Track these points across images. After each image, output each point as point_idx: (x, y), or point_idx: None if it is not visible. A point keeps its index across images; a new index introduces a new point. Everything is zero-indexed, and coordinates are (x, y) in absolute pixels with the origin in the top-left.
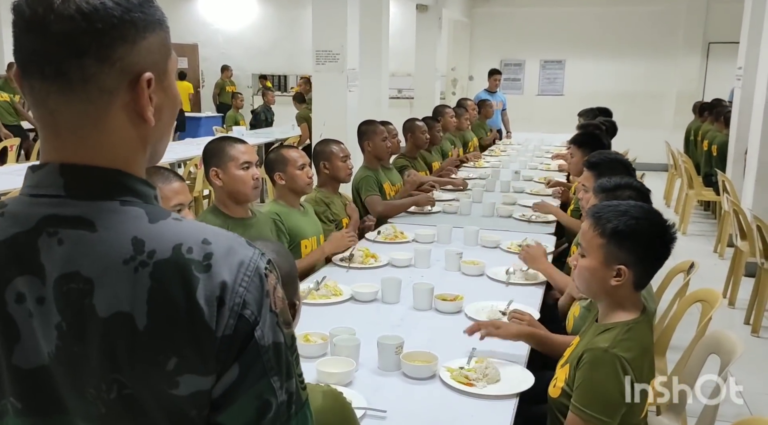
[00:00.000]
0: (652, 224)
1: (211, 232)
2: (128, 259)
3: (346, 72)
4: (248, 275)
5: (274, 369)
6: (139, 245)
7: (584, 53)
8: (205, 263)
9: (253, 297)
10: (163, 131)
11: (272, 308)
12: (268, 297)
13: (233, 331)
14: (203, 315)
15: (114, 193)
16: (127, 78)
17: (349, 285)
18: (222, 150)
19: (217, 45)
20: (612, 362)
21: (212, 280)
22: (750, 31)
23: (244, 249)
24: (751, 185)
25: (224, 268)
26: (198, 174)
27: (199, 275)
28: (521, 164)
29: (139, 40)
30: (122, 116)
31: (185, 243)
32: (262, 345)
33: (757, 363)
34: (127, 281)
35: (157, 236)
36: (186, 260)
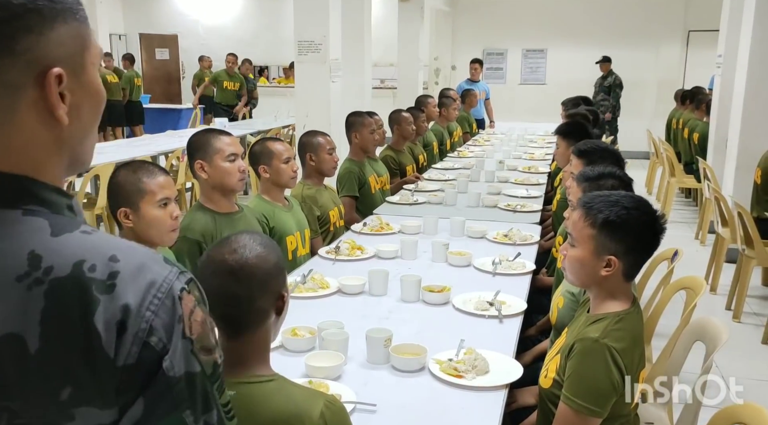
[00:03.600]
0: (643, 214)
1: (123, 247)
2: (22, 275)
3: (329, 62)
4: (158, 297)
5: (186, 401)
6: (35, 260)
7: (566, 42)
8: (108, 283)
9: (161, 322)
10: (85, 131)
11: (186, 335)
12: (180, 322)
13: (136, 360)
14: (101, 341)
15: (16, 200)
16: (33, 72)
17: (335, 278)
18: (207, 142)
19: (197, 36)
20: (602, 352)
21: (114, 302)
22: (729, 19)
23: (159, 267)
24: (731, 172)
25: (130, 289)
26: (180, 167)
27: (100, 297)
28: (505, 153)
29: (46, 31)
30: (31, 114)
31: (88, 260)
32: (171, 375)
33: (739, 349)
34: (19, 300)
35: (57, 250)
36: (86, 279)
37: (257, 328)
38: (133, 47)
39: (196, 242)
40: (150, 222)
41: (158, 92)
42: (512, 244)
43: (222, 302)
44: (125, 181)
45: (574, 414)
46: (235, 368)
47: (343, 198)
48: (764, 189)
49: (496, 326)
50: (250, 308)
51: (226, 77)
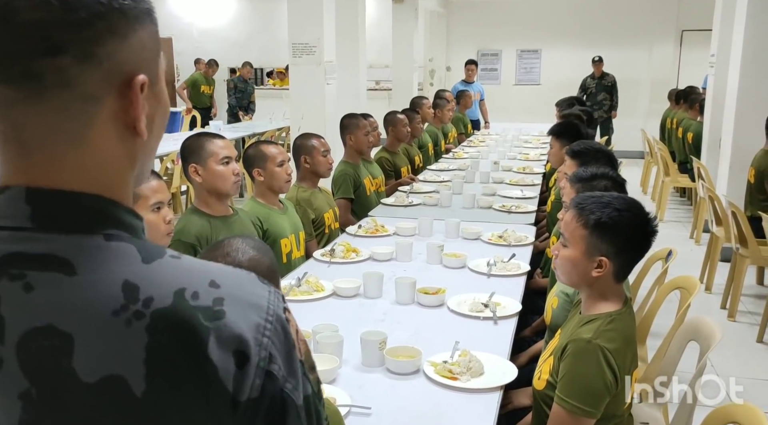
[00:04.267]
0: (635, 216)
1: (218, 271)
2: (119, 309)
3: (324, 65)
4: (270, 321)
5: (308, 421)
6: (131, 291)
7: (560, 42)
8: (216, 309)
9: (278, 348)
10: (154, 145)
11: (299, 358)
12: (294, 347)
13: (260, 392)
14: (218, 375)
15: (96, 225)
16: (116, 81)
17: (330, 281)
18: (201, 146)
19: (191, 39)
20: (595, 352)
21: (227, 330)
22: (722, 19)
23: (260, 289)
24: (725, 171)
25: (240, 315)
26: (175, 170)
27: (210, 325)
28: (500, 154)
29: (130, 33)
30: (109, 129)
31: (189, 287)
32: (298, 404)
33: (734, 348)
34: (118, 337)
35: (153, 279)
36: (192, 308)
37: None
38: None
39: (191, 245)
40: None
41: None
42: (507, 245)
43: None
44: None
45: (568, 415)
46: None
47: (338, 200)
48: (758, 188)
49: (490, 327)
50: None
51: (204, 81)
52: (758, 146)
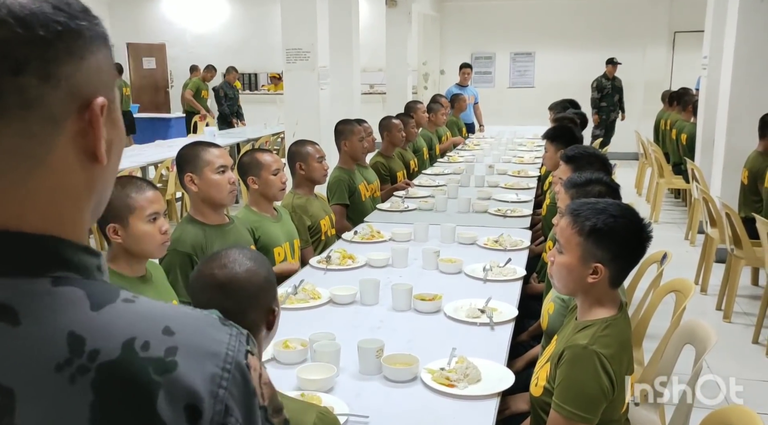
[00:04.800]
0: (630, 222)
1: (174, 316)
2: (63, 363)
3: (317, 70)
4: (227, 370)
5: None
6: (77, 343)
7: (553, 45)
8: (167, 360)
9: (236, 399)
10: (112, 174)
11: (261, 405)
12: (255, 395)
13: None
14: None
15: (43, 268)
16: (75, 103)
17: (327, 288)
18: (197, 155)
19: (185, 44)
20: (591, 358)
21: (178, 384)
22: (714, 20)
23: (219, 333)
24: (719, 172)
25: (194, 366)
26: (170, 177)
27: (159, 379)
28: (495, 157)
29: (87, 54)
30: (68, 153)
31: (140, 337)
32: None
33: (730, 349)
34: (61, 394)
35: (101, 328)
36: (141, 361)
37: None
38: (121, 57)
39: (187, 255)
40: (139, 237)
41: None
42: (503, 250)
43: None
44: (114, 197)
45: (565, 421)
46: None
47: (333, 206)
48: (751, 189)
49: (487, 333)
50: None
51: (204, 87)
52: (751, 147)
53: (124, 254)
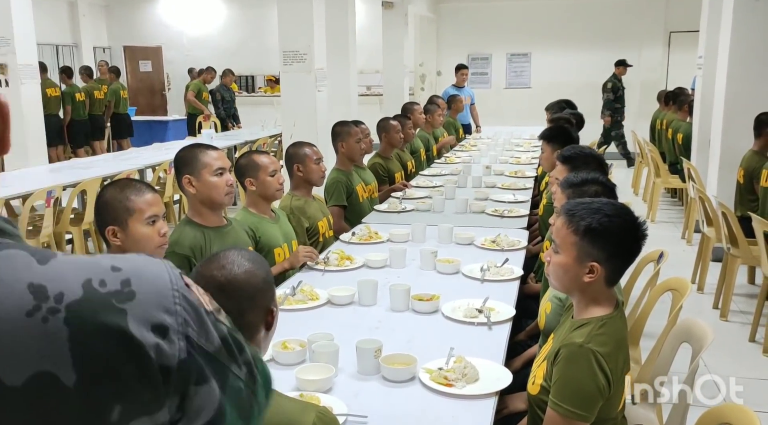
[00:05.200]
0: (625, 221)
1: (112, 258)
2: (32, 310)
3: (314, 72)
4: (176, 289)
5: (230, 358)
6: (39, 291)
7: (549, 45)
8: (126, 291)
9: (189, 313)
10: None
11: (209, 312)
12: (200, 305)
13: (186, 354)
14: (144, 350)
15: None
16: None
17: (325, 289)
18: (195, 157)
19: (181, 47)
20: (587, 356)
21: (142, 307)
22: (709, 20)
23: (156, 265)
24: (715, 172)
25: (149, 291)
26: (168, 179)
27: (125, 306)
28: (492, 158)
29: None
30: None
31: (94, 277)
32: (214, 352)
33: (727, 348)
34: (38, 335)
35: (56, 277)
36: (103, 295)
37: None
38: (118, 60)
39: (185, 257)
40: (138, 240)
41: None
42: (500, 250)
43: None
44: (113, 199)
45: (562, 419)
46: None
47: (331, 208)
48: (747, 188)
49: (485, 333)
50: (240, 324)
51: (205, 89)
52: (747, 146)
53: None
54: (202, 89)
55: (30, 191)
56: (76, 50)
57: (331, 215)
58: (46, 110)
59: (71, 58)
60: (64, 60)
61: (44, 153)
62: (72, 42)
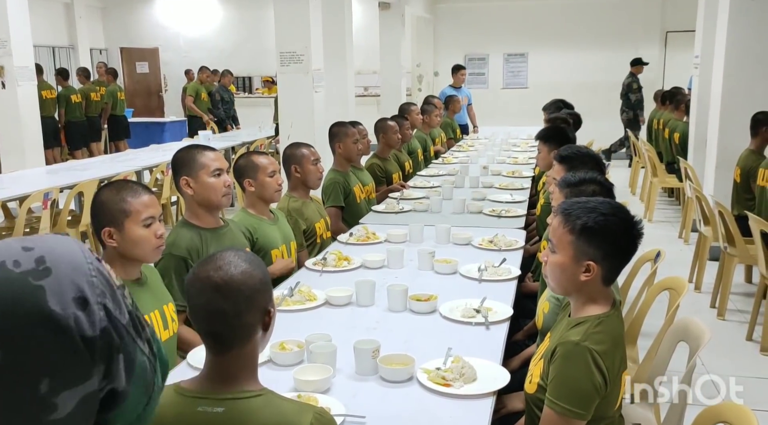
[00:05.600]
0: (621, 220)
1: (24, 239)
2: None
3: (311, 73)
4: (90, 263)
5: (137, 333)
6: None
7: (546, 46)
8: (41, 268)
9: (103, 284)
10: None
11: (117, 285)
12: (110, 278)
13: (107, 322)
14: (66, 323)
15: None
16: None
17: (323, 290)
18: (192, 158)
19: (178, 48)
20: (584, 355)
21: (59, 281)
22: (705, 20)
23: (66, 240)
24: (711, 171)
25: (64, 266)
26: (165, 181)
27: (41, 283)
28: (489, 158)
29: None
30: None
31: (7, 259)
32: (126, 324)
33: (724, 346)
34: None
35: None
36: (18, 275)
37: (244, 344)
38: (114, 61)
39: (182, 258)
40: (135, 241)
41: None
42: (497, 250)
43: (209, 318)
44: (109, 201)
45: (559, 418)
46: (224, 383)
47: (328, 209)
48: (744, 188)
49: (483, 333)
50: (237, 325)
51: (202, 89)
52: (743, 145)
53: (119, 258)
54: (199, 91)
55: (27, 193)
56: (73, 52)
57: (329, 215)
58: (42, 112)
59: (68, 59)
60: (60, 62)
61: (41, 155)
62: (68, 44)
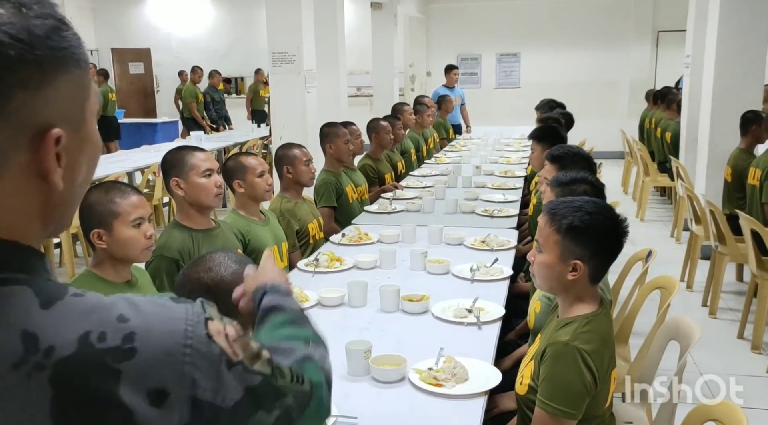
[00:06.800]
0: (606, 218)
1: (125, 303)
2: (18, 362)
3: (304, 73)
4: (189, 345)
5: (255, 407)
6: (30, 341)
7: (539, 45)
8: (125, 348)
9: (203, 370)
10: (78, 193)
11: (233, 363)
12: (222, 357)
13: (191, 418)
14: (133, 418)
15: None
16: (27, 135)
17: (315, 291)
18: (182, 159)
19: (170, 49)
20: (573, 354)
21: (139, 370)
22: (696, 19)
23: (174, 311)
24: (703, 170)
25: (155, 347)
26: (157, 182)
27: (119, 367)
28: (482, 158)
29: (44, 85)
30: (17, 180)
31: (94, 329)
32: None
33: (716, 345)
34: (20, 392)
35: (54, 325)
36: (98, 352)
37: None
38: (105, 62)
39: (174, 260)
40: (124, 242)
41: (133, 107)
42: (490, 250)
43: None
44: (97, 202)
45: (550, 418)
46: None
47: (321, 209)
48: (735, 187)
49: (475, 333)
50: None
51: (199, 91)
52: (734, 144)
53: (109, 259)
54: (197, 93)
55: None
56: None
57: (322, 216)
58: None
59: None
60: None
61: None
62: None
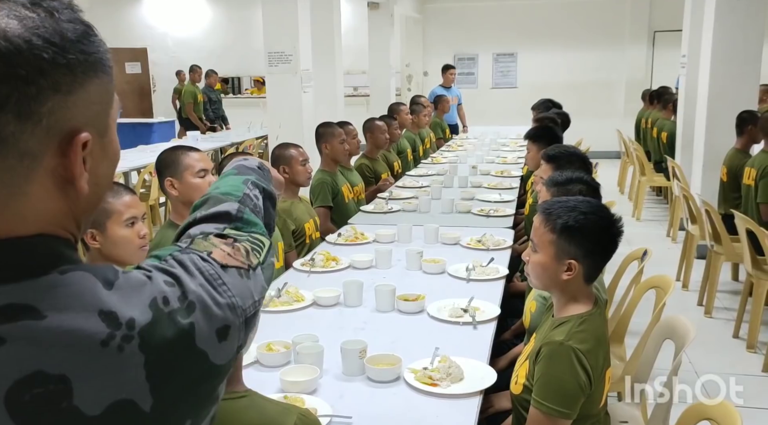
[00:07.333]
0: (600, 218)
1: (164, 268)
2: (106, 339)
3: (300, 73)
4: (221, 283)
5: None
6: (111, 318)
7: (535, 45)
8: (186, 304)
9: (240, 292)
10: (101, 196)
11: (247, 271)
12: (241, 272)
13: (244, 336)
14: (209, 359)
15: (48, 264)
16: (55, 139)
17: (310, 290)
18: (176, 159)
19: (166, 49)
20: (567, 354)
21: (204, 317)
22: (692, 20)
23: (197, 261)
24: (698, 170)
25: (204, 297)
26: (153, 182)
27: (186, 321)
28: (478, 158)
29: (76, 88)
30: (46, 184)
31: (157, 295)
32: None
33: (711, 344)
34: (114, 365)
35: (124, 300)
36: (167, 314)
37: None
38: None
39: None
40: (117, 242)
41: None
42: (485, 249)
43: None
44: None
45: (545, 417)
46: None
47: (317, 209)
48: (730, 186)
49: (470, 332)
50: None
51: (198, 90)
52: (730, 144)
53: (102, 259)
54: (196, 93)
55: None
56: None
57: (318, 216)
58: None
59: None
60: None
61: None
62: None
